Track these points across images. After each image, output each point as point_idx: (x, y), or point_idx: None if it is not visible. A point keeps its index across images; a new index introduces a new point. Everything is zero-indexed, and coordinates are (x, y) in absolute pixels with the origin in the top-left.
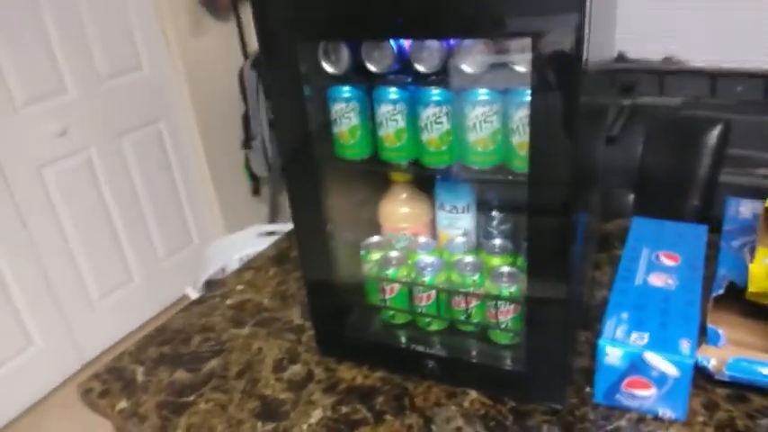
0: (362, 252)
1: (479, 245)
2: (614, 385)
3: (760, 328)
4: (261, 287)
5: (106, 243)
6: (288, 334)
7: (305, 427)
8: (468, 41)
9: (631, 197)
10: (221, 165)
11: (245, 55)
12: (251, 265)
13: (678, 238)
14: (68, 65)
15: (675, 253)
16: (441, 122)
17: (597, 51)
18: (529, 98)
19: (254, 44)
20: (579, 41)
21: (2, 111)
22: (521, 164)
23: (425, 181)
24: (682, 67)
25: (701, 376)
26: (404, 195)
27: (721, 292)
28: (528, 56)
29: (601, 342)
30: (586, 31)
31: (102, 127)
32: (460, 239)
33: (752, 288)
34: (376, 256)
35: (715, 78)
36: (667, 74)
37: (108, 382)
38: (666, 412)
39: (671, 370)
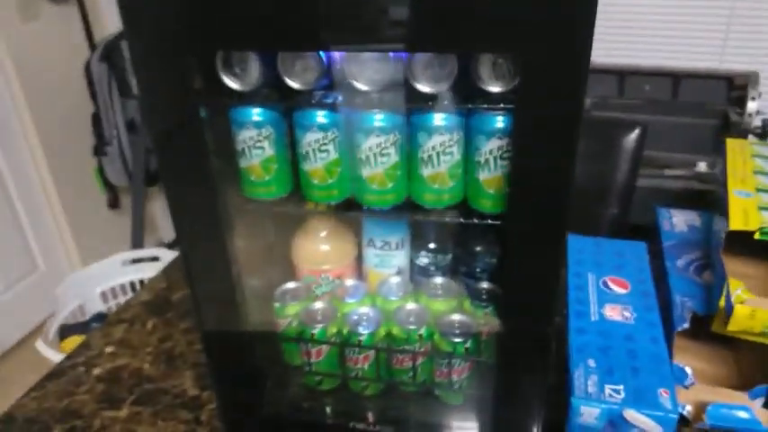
0: (277, 305)
1: (415, 284)
2: None
3: (720, 356)
4: (137, 347)
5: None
6: (182, 412)
7: None
8: (425, 54)
9: None
10: (68, 175)
11: (92, 45)
12: (121, 317)
13: (619, 258)
14: None
15: (622, 278)
16: (387, 154)
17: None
18: (500, 125)
19: (102, 31)
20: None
21: None
22: (488, 204)
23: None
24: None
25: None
26: (324, 232)
27: (686, 326)
28: (504, 71)
29: (574, 401)
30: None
31: None
32: (394, 279)
33: (733, 327)
34: (294, 308)
35: (623, 77)
36: None
37: None
38: None
39: (653, 427)
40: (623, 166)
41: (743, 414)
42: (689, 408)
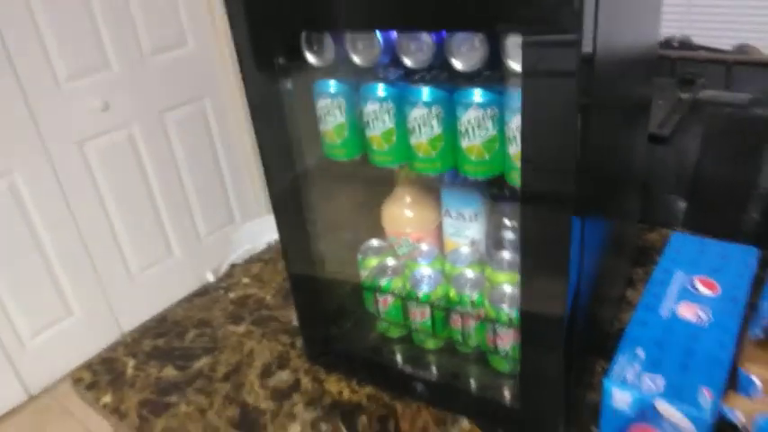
0: (359, 257)
1: (488, 256)
2: (620, 430)
3: None
4: (266, 282)
5: (147, 218)
6: (283, 336)
7: None
8: (460, 34)
9: (683, 205)
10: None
11: None
12: (262, 257)
13: (722, 261)
14: (112, 40)
15: (715, 280)
16: (430, 125)
17: (622, 32)
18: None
19: None
20: (579, 27)
21: (44, 85)
22: (518, 178)
23: (433, 184)
24: (754, 58)
25: (728, 427)
26: (408, 198)
27: (761, 336)
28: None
29: (606, 382)
30: (590, 16)
31: (146, 103)
32: (466, 249)
33: None
34: (373, 262)
35: None
36: (737, 65)
37: (98, 373)
38: None
39: (685, 424)
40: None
41: None
42: (741, 417)
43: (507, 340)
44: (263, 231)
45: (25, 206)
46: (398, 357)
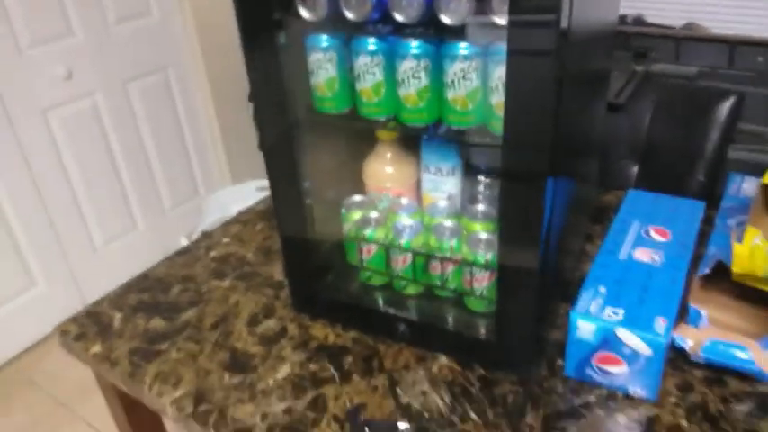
0: (343, 211)
1: (463, 210)
2: (585, 359)
3: (748, 311)
4: (246, 241)
5: (111, 189)
6: (267, 289)
7: (271, 381)
8: None
9: (636, 169)
10: (230, 115)
11: None
12: (239, 219)
13: (673, 213)
14: (76, 8)
15: (667, 228)
16: (418, 77)
17: (591, 11)
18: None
19: None
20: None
21: (6, 51)
22: (499, 126)
23: (412, 140)
24: (700, 35)
25: (680, 357)
26: (389, 155)
27: (707, 271)
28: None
29: (572, 314)
30: None
31: (109, 72)
32: (443, 203)
33: (736, 269)
34: (356, 215)
35: (734, 47)
36: (685, 41)
37: (85, 325)
38: (637, 391)
39: (643, 348)
40: (713, 135)
41: (739, 353)
42: (690, 342)
43: (483, 281)
44: (233, 201)
45: None
46: (381, 303)
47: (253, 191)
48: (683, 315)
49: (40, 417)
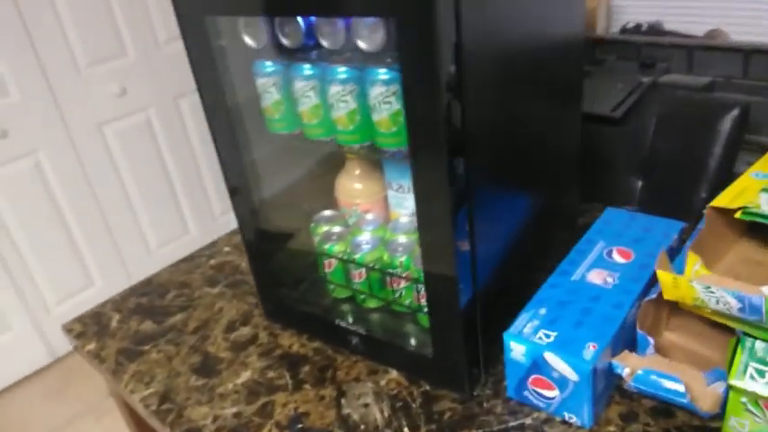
0: (312, 225)
1: None
2: (521, 381)
3: (711, 335)
4: (244, 251)
5: (164, 197)
6: (250, 297)
7: (230, 386)
8: (362, 19)
9: (639, 184)
10: None
11: None
12: None
13: (644, 233)
14: (128, 30)
15: (631, 250)
16: (346, 101)
17: (509, 26)
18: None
19: None
20: (432, 16)
21: (66, 71)
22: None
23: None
24: (712, 43)
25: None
26: (357, 171)
27: (653, 296)
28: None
29: (505, 336)
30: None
31: (160, 89)
32: (405, 219)
33: (667, 296)
34: (323, 229)
35: (749, 56)
36: (698, 50)
37: (87, 325)
38: (573, 417)
39: (570, 373)
40: (716, 149)
41: (670, 384)
42: (627, 369)
43: None
44: None
45: (49, 184)
46: (342, 316)
47: None
48: (635, 342)
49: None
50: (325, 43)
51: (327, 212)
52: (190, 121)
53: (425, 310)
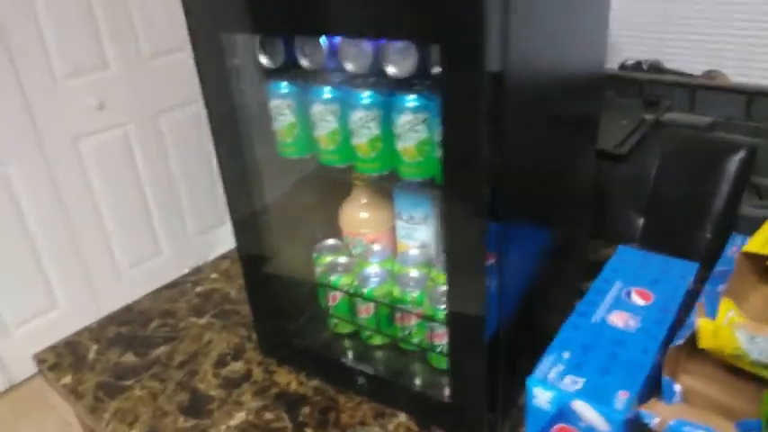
0: (315, 255)
1: (437, 259)
2: (543, 429)
3: (735, 384)
4: (233, 277)
5: (137, 216)
6: (241, 329)
7: (223, 428)
8: (392, 43)
9: (641, 222)
10: None
11: None
12: (230, 255)
13: (662, 274)
14: (112, 42)
15: (650, 291)
16: (368, 127)
17: (548, 57)
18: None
19: None
20: (481, 47)
21: (42, 81)
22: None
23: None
24: (716, 83)
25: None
26: (364, 200)
27: (681, 342)
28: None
29: (529, 381)
30: (493, 35)
31: (141, 105)
32: (415, 251)
33: (703, 345)
34: (327, 260)
35: (752, 97)
36: (701, 89)
37: (62, 355)
38: None
39: (600, 423)
40: (722, 189)
41: None
42: (656, 419)
43: (443, 338)
44: None
45: (17, 198)
46: (345, 352)
47: None
48: (656, 389)
49: None
50: (349, 66)
51: (331, 242)
52: (169, 139)
53: (438, 349)
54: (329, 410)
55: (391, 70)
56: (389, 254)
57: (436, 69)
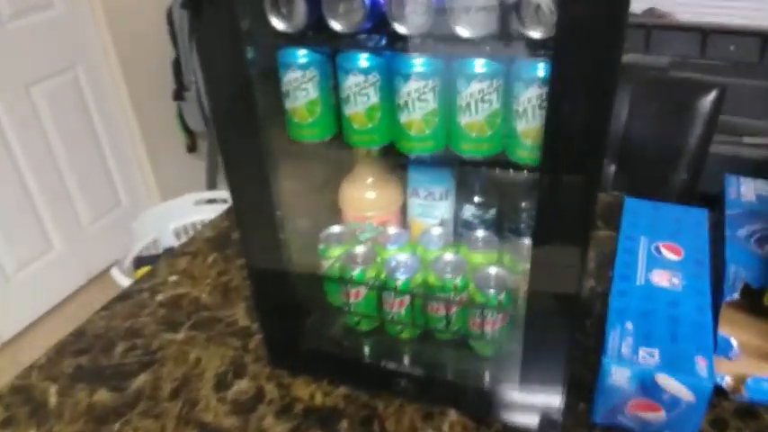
0: (321, 246)
1: (458, 236)
2: (617, 406)
3: None
4: (198, 278)
5: (19, 208)
6: (232, 339)
7: None
8: None
9: (612, 168)
10: (151, 117)
11: None
12: (185, 250)
13: (677, 224)
14: None
15: (677, 244)
16: (425, 100)
17: None
18: (541, 73)
19: None
20: None
21: None
22: (525, 155)
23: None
24: (671, 23)
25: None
26: (370, 178)
27: (736, 296)
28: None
29: (605, 361)
30: None
31: (8, 76)
32: (437, 231)
33: None
34: (337, 251)
35: (706, 35)
36: (654, 29)
37: (13, 405)
38: None
39: (686, 394)
40: (696, 131)
41: None
42: (728, 379)
43: (495, 324)
44: (169, 218)
45: None
46: (372, 351)
47: (190, 205)
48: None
49: None
50: (400, 27)
51: (336, 229)
52: (46, 114)
53: (488, 336)
54: (370, 420)
55: (462, 30)
56: (407, 237)
57: (525, 26)
